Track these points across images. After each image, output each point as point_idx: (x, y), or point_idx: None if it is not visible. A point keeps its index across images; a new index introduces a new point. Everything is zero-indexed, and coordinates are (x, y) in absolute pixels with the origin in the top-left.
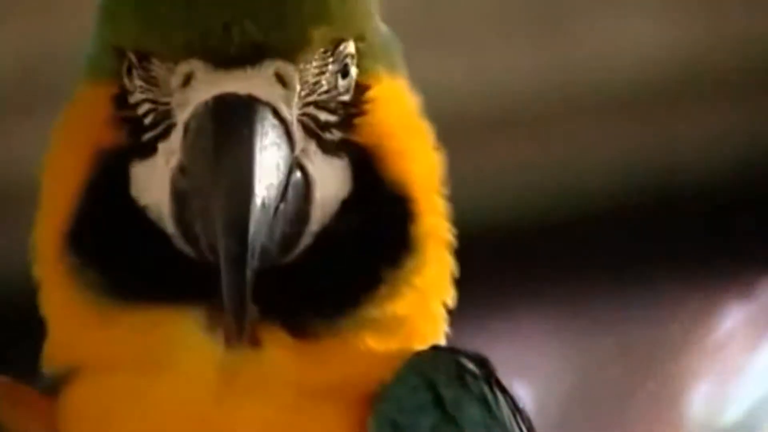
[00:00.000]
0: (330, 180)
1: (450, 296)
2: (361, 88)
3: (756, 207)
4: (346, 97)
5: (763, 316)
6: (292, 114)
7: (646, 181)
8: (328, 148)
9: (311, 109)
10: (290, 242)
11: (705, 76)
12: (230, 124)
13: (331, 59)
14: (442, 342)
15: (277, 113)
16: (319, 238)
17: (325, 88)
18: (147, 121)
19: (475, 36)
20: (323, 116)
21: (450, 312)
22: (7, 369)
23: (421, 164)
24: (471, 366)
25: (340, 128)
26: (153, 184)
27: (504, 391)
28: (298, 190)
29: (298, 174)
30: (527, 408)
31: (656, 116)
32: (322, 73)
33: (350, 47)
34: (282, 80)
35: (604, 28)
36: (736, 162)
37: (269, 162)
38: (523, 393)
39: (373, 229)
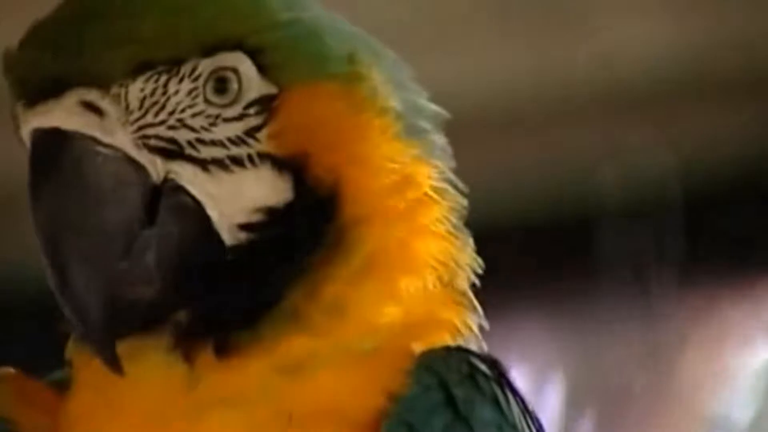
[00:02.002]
0: (233, 195)
1: (445, 274)
2: (262, 99)
3: (756, 207)
4: (231, 113)
5: (763, 315)
6: (119, 139)
7: (646, 180)
8: (219, 164)
9: (160, 130)
10: (197, 262)
11: (706, 76)
12: (39, 158)
13: (175, 78)
14: (468, 321)
15: (96, 141)
16: (242, 250)
17: (178, 107)
18: None
19: (474, 36)
20: (185, 135)
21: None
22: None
23: (360, 159)
24: (482, 366)
25: (235, 142)
26: None
27: (515, 391)
28: (179, 212)
29: (174, 196)
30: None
31: (657, 116)
32: (163, 93)
33: (222, 61)
34: (93, 108)
35: (604, 28)
36: (736, 162)
37: (96, 189)
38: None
39: (288, 231)
